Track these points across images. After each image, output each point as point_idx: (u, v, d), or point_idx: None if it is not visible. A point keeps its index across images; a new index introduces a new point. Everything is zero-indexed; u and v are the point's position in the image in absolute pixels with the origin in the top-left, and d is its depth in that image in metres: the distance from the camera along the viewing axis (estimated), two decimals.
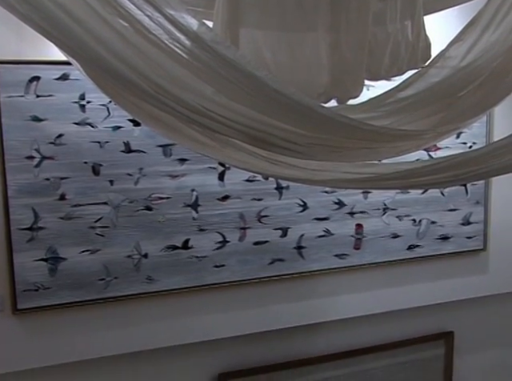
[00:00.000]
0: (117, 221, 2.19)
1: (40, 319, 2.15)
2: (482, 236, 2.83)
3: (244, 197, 2.36)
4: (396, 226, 2.64)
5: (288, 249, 2.46)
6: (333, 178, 1.64)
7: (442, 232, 2.74)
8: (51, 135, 2.08)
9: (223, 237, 2.35)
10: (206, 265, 2.33)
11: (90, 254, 2.17)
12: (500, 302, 2.99)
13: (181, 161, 2.25)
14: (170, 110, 1.32)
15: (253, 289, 2.42)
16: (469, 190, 2.77)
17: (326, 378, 2.66)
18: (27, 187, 2.07)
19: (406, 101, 1.65)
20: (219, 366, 2.48)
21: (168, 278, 2.28)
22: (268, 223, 2.41)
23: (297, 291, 2.50)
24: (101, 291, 2.20)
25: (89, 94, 2.09)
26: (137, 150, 2.19)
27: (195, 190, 2.28)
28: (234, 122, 1.34)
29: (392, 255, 2.65)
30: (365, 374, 2.74)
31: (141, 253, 2.24)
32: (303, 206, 2.46)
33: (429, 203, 2.70)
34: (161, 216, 2.24)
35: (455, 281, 2.82)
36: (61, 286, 2.15)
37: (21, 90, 2.02)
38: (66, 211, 2.12)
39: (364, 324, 2.69)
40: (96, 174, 2.15)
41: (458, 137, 2.68)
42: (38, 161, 2.07)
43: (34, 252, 2.11)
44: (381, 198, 2.60)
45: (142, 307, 2.27)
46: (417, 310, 2.78)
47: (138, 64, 1.26)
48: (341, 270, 2.56)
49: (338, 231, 2.53)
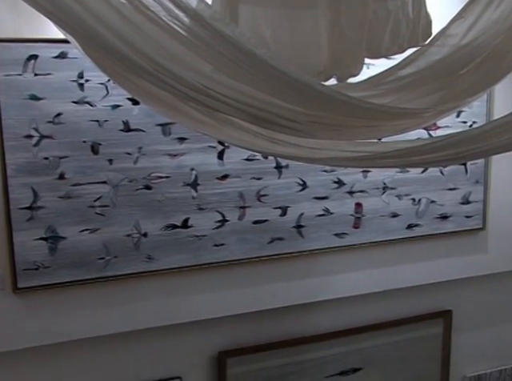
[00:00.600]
0: (116, 200, 2.19)
1: (40, 298, 2.16)
2: (481, 215, 2.83)
3: (243, 176, 2.36)
4: (395, 205, 2.65)
5: (287, 228, 2.46)
6: (332, 156, 1.64)
7: (441, 211, 2.74)
8: (50, 114, 2.07)
9: (223, 216, 2.35)
10: (205, 244, 2.33)
11: (90, 233, 2.17)
12: (498, 281, 3.00)
13: (180, 140, 2.24)
14: (168, 88, 1.32)
15: (252, 268, 2.43)
16: (468, 169, 2.77)
17: (325, 357, 2.68)
18: (26, 166, 2.06)
19: (406, 79, 1.64)
20: (219, 345, 2.49)
21: (167, 256, 2.28)
22: (267, 202, 2.41)
23: (296, 270, 2.51)
24: (101, 270, 2.20)
25: (87, 73, 2.08)
26: (136, 129, 2.19)
27: (194, 169, 2.28)
28: (233, 100, 1.34)
29: (391, 234, 2.65)
30: (363, 353, 2.75)
31: (140, 232, 2.24)
32: (303, 185, 2.46)
33: (428, 182, 2.70)
34: (160, 195, 2.24)
35: (454, 260, 2.83)
36: (61, 265, 2.15)
37: (19, 69, 2.01)
38: (65, 190, 2.12)
39: (363, 303, 2.71)
40: (95, 153, 2.14)
41: (458, 116, 2.67)
42: (37, 140, 2.07)
43: (33, 231, 2.11)
44: (380, 178, 2.60)
45: (142, 286, 2.28)
46: (415, 289, 2.79)
47: (137, 41, 1.25)
48: (340, 249, 2.56)
49: (337, 210, 2.53)
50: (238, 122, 1.56)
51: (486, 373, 3.08)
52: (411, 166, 2.28)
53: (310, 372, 2.66)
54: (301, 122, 1.41)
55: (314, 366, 2.66)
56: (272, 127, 1.45)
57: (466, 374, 3.04)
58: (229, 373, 2.49)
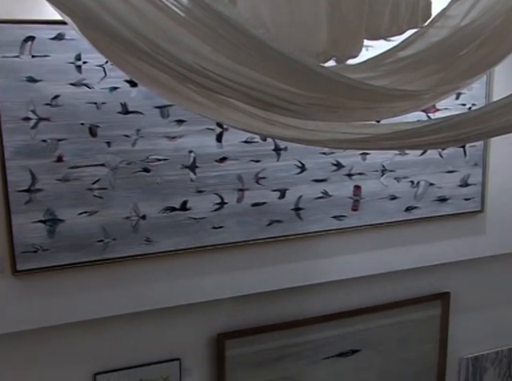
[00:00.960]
0: (114, 182, 2.19)
1: (39, 280, 2.16)
2: (479, 198, 2.83)
3: (242, 158, 2.35)
4: (394, 188, 2.65)
5: (286, 210, 2.46)
6: (331, 138, 1.63)
7: (439, 194, 2.75)
8: (47, 96, 2.06)
9: (221, 198, 2.35)
10: (204, 226, 2.33)
11: (88, 215, 2.17)
12: (496, 263, 3.01)
13: (178, 122, 2.24)
14: (167, 69, 1.31)
15: (251, 250, 2.43)
16: (467, 151, 2.76)
17: (324, 338, 2.69)
18: (24, 149, 2.06)
19: (405, 60, 1.63)
20: (218, 327, 2.50)
21: (166, 239, 2.28)
22: (266, 185, 2.41)
23: (294, 253, 2.51)
24: (99, 253, 2.21)
25: (85, 55, 2.07)
26: (134, 111, 2.18)
27: (193, 151, 2.27)
28: (231, 82, 1.33)
29: (390, 217, 2.66)
30: (362, 335, 2.77)
31: (139, 214, 2.24)
32: (301, 168, 2.46)
33: (427, 165, 2.70)
34: (159, 178, 2.24)
35: (452, 242, 2.83)
36: (59, 248, 2.15)
37: (16, 51, 1.99)
38: (63, 173, 2.12)
39: (361, 285, 2.72)
40: (93, 136, 2.14)
41: (457, 98, 2.66)
42: (35, 122, 2.06)
43: (32, 214, 2.11)
44: (379, 160, 2.59)
45: (141, 268, 2.28)
46: (414, 271, 2.80)
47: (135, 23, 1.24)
48: (338, 231, 2.57)
49: (335, 193, 2.53)
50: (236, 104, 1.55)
51: (483, 354, 3.10)
52: (410, 148, 2.27)
53: (308, 354, 2.68)
54: (299, 103, 1.40)
55: (312, 348, 2.68)
56: (270, 109, 1.44)
57: (463, 356, 3.06)
58: (227, 355, 2.50)
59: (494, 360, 3.13)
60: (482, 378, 3.11)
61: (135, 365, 2.40)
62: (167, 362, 2.44)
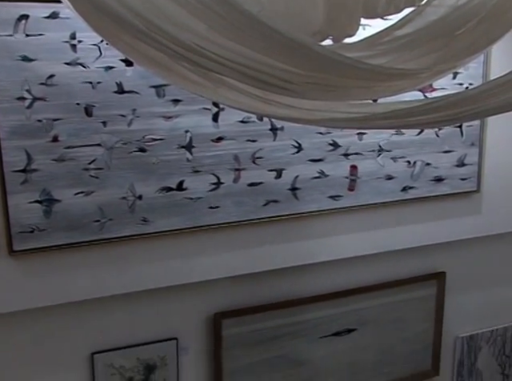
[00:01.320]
0: (110, 163, 2.18)
1: (36, 261, 2.16)
2: (475, 178, 2.83)
3: (238, 138, 2.35)
4: (390, 168, 2.64)
5: (282, 190, 2.46)
6: (328, 117, 1.63)
7: (436, 174, 2.75)
8: (42, 76, 2.04)
9: (218, 178, 2.34)
10: (200, 206, 2.33)
11: (85, 195, 2.17)
12: (492, 243, 3.03)
13: (174, 102, 2.23)
14: (163, 47, 1.30)
15: (247, 230, 2.43)
16: (464, 131, 2.76)
17: (320, 318, 2.71)
18: (19, 129, 2.04)
19: (402, 39, 1.62)
20: (215, 306, 2.51)
21: (163, 219, 2.28)
22: (262, 165, 2.40)
23: (291, 232, 2.52)
24: (96, 233, 2.20)
25: (80, 34, 2.05)
26: (130, 90, 2.16)
27: (189, 131, 2.27)
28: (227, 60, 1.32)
29: (386, 197, 2.66)
30: (358, 314, 2.78)
31: (135, 194, 2.23)
32: (298, 148, 2.45)
33: (424, 145, 2.70)
34: (155, 158, 2.23)
35: (448, 222, 2.84)
36: (56, 228, 2.15)
37: (9, 29, 1.97)
38: (59, 153, 2.11)
39: (358, 265, 2.73)
40: (89, 116, 2.12)
41: (454, 77, 2.65)
42: (30, 102, 2.04)
43: (28, 194, 2.10)
44: (376, 140, 2.59)
45: (138, 249, 2.28)
46: (410, 251, 2.81)
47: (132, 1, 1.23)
48: (335, 211, 2.57)
49: (332, 173, 2.53)
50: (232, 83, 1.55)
51: (478, 333, 3.12)
52: (407, 127, 2.27)
53: (305, 333, 2.69)
54: (296, 82, 1.40)
55: (308, 327, 2.69)
56: (266, 88, 1.44)
57: (459, 335, 3.08)
58: (224, 334, 2.52)
59: (488, 339, 3.15)
60: (477, 357, 3.14)
61: (132, 344, 2.41)
62: (164, 341, 2.45)
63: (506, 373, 3.25)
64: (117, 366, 2.39)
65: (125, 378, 2.41)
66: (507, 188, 2.93)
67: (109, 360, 2.37)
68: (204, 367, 2.57)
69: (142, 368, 2.43)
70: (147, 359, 2.43)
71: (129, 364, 2.41)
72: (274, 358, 2.66)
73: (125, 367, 2.40)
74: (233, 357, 2.56)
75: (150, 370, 2.45)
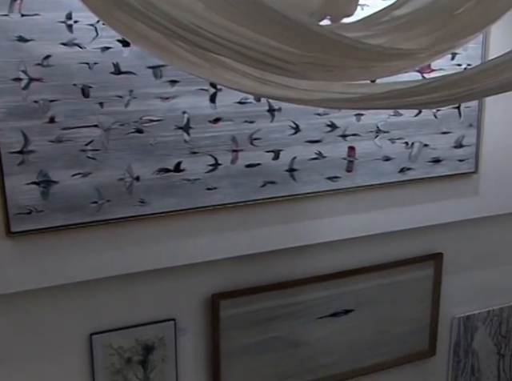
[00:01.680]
0: (108, 144, 2.17)
1: (34, 242, 2.16)
2: (473, 159, 2.83)
3: (236, 119, 2.34)
4: (388, 149, 2.64)
5: (280, 171, 2.46)
6: (325, 97, 1.62)
7: (434, 155, 2.74)
8: (38, 56, 2.02)
9: (215, 160, 2.34)
10: (198, 188, 2.33)
11: (82, 177, 2.16)
12: (489, 224, 3.03)
13: (172, 83, 2.21)
14: (159, 27, 1.29)
15: (245, 211, 2.43)
16: (462, 112, 2.76)
17: (317, 299, 2.72)
18: (16, 110, 2.03)
19: (400, 19, 1.61)
20: (213, 287, 2.52)
21: (160, 200, 2.28)
22: (260, 146, 2.40)
23: (289, 214, 2.52)
24: (93, 214, 2.20)
25: (76, 14, 2.03)
26: (127, 71, 2.15)
27: (187, 112, 2.26)
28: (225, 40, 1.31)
29: (384, 178, 2.66)
30: (355, 295, 2.79)
31: (133, 176, 2.23)
32: (295, 129, 2.45)
33: (421, 126, 2.69)
34: (152, 139, 2.22)
35: (446, 203, 2.84)
36: (53, 210, 2.15)
37: (4, 9, 1.95)
38: (56, 134, 2.10)
39: (355, 246, 2.73)
40: (85, 97, 2.11)
41: (452, 58, 2.64)
42: (26, 83, 2.03)
43: (25, 175, 2.09)
44: (373, 121, 2.58)
45: (135, 230, 2.28)
46: (407, 232, 2.81)
47: None
48: (333, 192, 2.57)
49: (330, 154, 2.53)
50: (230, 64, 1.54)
51: (475, 313, 3.14)
52: (405, 107, 2.26)
53: (302, 314, 2.70)
54: (293, 62, 1.39)
55: (305, 308, 2.70)
56: (264, 68, 1.43)
57: (455, 315, 3.10)
58: (222, 315, 2.53)
59: (485, 319, 3.17)
60: (473, 337, 3.16)
61: (131, 325, 2.42)
62: (162, 322, 2.46)
63: (501, 353, 3.27)
64: (115, 346, 2.40)
65: (123, 358, 2.42)
66: (505, 169, 2.93)
67: (107, 341, 2.38)
68: (202, 348, 2.58)
69: (141, 349, 2.45)
70: (145, 340, 2.45)
71: (127, 345, 2.42)
72: (272, 339, 2.67)
73: (123, 348, 2.41)
74: (230, 338, 2.57)
75: (148, 350, 2.46)
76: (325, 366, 2.81)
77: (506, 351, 3.28)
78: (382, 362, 2.94)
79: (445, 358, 3.14)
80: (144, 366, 2.47)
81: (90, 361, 2.38)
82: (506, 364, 3.30)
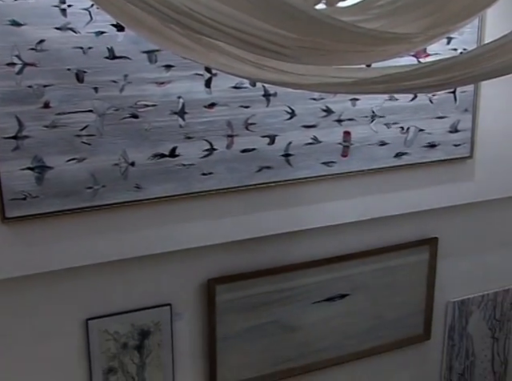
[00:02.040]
0: (103, 129, 2.16)
1: (29, 227, 2.16)
2: (469, 144, 2.83)
3: (231, 104, 2.33)
4: (384, 134, 2.64)
5: (275, 156, 2.45)
6: (321, 82, 1.62)
7: (429, 140, 2.74)
8: (32, 41, 2.01)
9: (210, 145, 2.33)
10: (193, 173, 2.33)
11: (77, 162, 2.16)
12: (484, 208, 3.04)
13: (166, 67, 2.20)
14: (153, 11, 1.28)
15: (240, 196, 2.43)
16: (457, 97, 2.75)
17: (313, 283, 2.73)
18: (10, 95, 2.02)
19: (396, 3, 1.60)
20: (208, 272, 2.52)
21: (156, 185, 2.28)
22: (255, 131, 2.39)
23: (284, 199, 2.52)
24: (89, 200, 2.20)
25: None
26: (121, 56, 2.14)
27: (182, 97, 2.25)
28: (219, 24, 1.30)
29: (379, 163, 2.66)
30: (350, 279, 2.80)
31: (128, 161, 2.22)
32: (291, 114, 2.44)
33: (417, 111, 2.69)
34: (147, 124, 2.21)
35: (441, 188, 2.85)
36: (49, 195, 2.14)
37: None
38: (50, 119, 2.09)
39: (351, 231, 2.74)
40: (80, 82, 2.10)
41: (448, 43, 2.63)
42: (20, 68, 2.02)
43: (19, 161, 2.08)
44: (369, 106, 2.58)
45: (131, 215, 2.28)
46: (403, 217, 2.82)
47: None
48: (328, 177, 2.57)
49: (325, 139, 2.53)
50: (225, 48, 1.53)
51: (469, 298, 3.15)
52: (400, 91, 2.26)
53: (298, 298, 2.71)
54: (288, 46, 1.38)
55: (301, 293, 2.71)
56: (259, 52, 1.42)
57: (450, 299, 3.11)
58: (218, 300, 2.53)
59: (479, 303, 3.18)
60: (468, 321, 3.18)
61: (127, 310, 2.42)
62: (158, 307, 2.47)
63: (495, 337, 3.29)
64: (111, 331, 2.41)
65: (119, 343, 2.43)
66: (500, 154, 2.94)
67: (103, 326, 2.39)
68: (198, 333, 2.59)
69: (137, 334, 2.45)
70: (141, 325, 2.45)
71: (123, 330, 2.43)
72: (267, 323, 2.68)
73: (119, 333, 2.42)
74: (226, 322, 2.58)
75: (144, 335, 2.47)
76: (320, 351, 2.83)
77: (500, 335, 3.30)
78: (377, 347, 2.96)
79: (440, 341, 3.16)
80: (140, 351, 2.48)
81: (87, 346, 2.39)
82: (500, 348, 3.32)
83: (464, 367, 3.24)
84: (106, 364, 2.42)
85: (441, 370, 3.21)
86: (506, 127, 2.91)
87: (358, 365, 2.95)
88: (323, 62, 1.55)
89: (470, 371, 3.26)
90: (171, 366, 2.53)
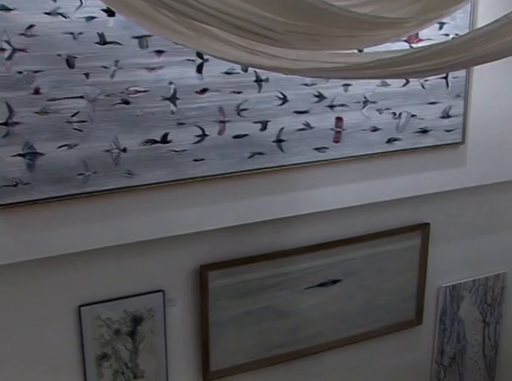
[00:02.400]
0: (94, 115, 2.15)
1: (21, 214, 2.15)
2: (461, 129, 2.83)
3: (223, 90, 2.32)
4: (376, 120, 2.64)
5: (268, 142, 2.45)
6: (313, 67, 1.61)
7: (421, 125, 2.74)
8: (22, 26, 1.99)
9: (202, 130, 2.33)
10: (185, 159, 2.32)
11: (68, 149, 2.15)
12: (476, 194, 3.05)
13: (158, 53, 2.19)
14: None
15: (232, 182, 2.43)
16: (449, 82, 2.75)
17: (305, 269, 2.73)
18: (0, 81, 2.00)
19: None
20: (201, 258, 2.53)
21: (148, 172, 2.27)
22: (247, 117, 2.39)
23: (276, 185, 2.52)
24: (81, 186, 2.19)
25: None
26: (112, 41, 2.12)
27: (173, 83, 2.24)
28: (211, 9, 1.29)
29: (371, 148, 2.66)
30: (343, 265, 2.81)
31: (119, 147, 2.22)
32: (283, 99, 2.43)
33: (409, 96, 2.68)
34: (139, 110, 2.20)
35: (433, 174, 2.85)
36: (40, 182, 2.13)
37: None
38: (41, 106, 2.08)
39: (343, 216, 2.74)
40: (71, 67, 2.09)
41: (440, 28, 2.63)
42: (10, 53, 2.00)
43: (10, 148, 2.07)
44: (361, 91, 2.57)
45: (123, 201, 2.28)
46: (395, 203, 2.82)
47: None
48: (320, 163, 2.57)
49: (317, 124, 2.52)
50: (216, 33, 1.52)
51: (461, 283, 3.17)
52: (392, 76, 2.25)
53: (290, 284, 2.72)
54: (280, 31, 1.37)
55: (293, 279, 2.72)
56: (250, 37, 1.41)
57: (442, 284, 3.13)
58: (210, 286, 2.54)
59: (471, 288, 3.20)
60: (460, 306, 3.20)
61: (119, 297, 2.42)
62: (151, 293, 2.47)
63: (487, 321, 3.31)
64: (104, 318, 2.41)
65: (112, 330, 2.43)
66: (492, 140, 2.94)
67: (96, 312, 2.39)
68: (191, 319, 2.59)
69: (129, 320, 2.46)
70: (134, 311, 2.46)
71: (116, 316, 2.43)
72: (260, 309, 2.69)
73: (112, 319, 2.42)
74: (219, 308, 2.59)
75: (136, 322, 2.47)
76: (313, 336, 2.84)
77: (491, 319, 3.32)
78: (370, 332, 2.97)
79: (431, 326, 3.18)
80: (133, 337, 2.49)
81: (79, 333, 2.39)
82: (491, 332, 3.35)
83: (455, 351, 3.26)
84: (98, 350, 2.43)
85: (432, 355, 3.23)
86: (497, 113, 2.91)
87: (351, 350, 2.96)
88: (315, 46, 1.54)
89: (461, 355, 3.29)
90: (164, 352, 2.54)
